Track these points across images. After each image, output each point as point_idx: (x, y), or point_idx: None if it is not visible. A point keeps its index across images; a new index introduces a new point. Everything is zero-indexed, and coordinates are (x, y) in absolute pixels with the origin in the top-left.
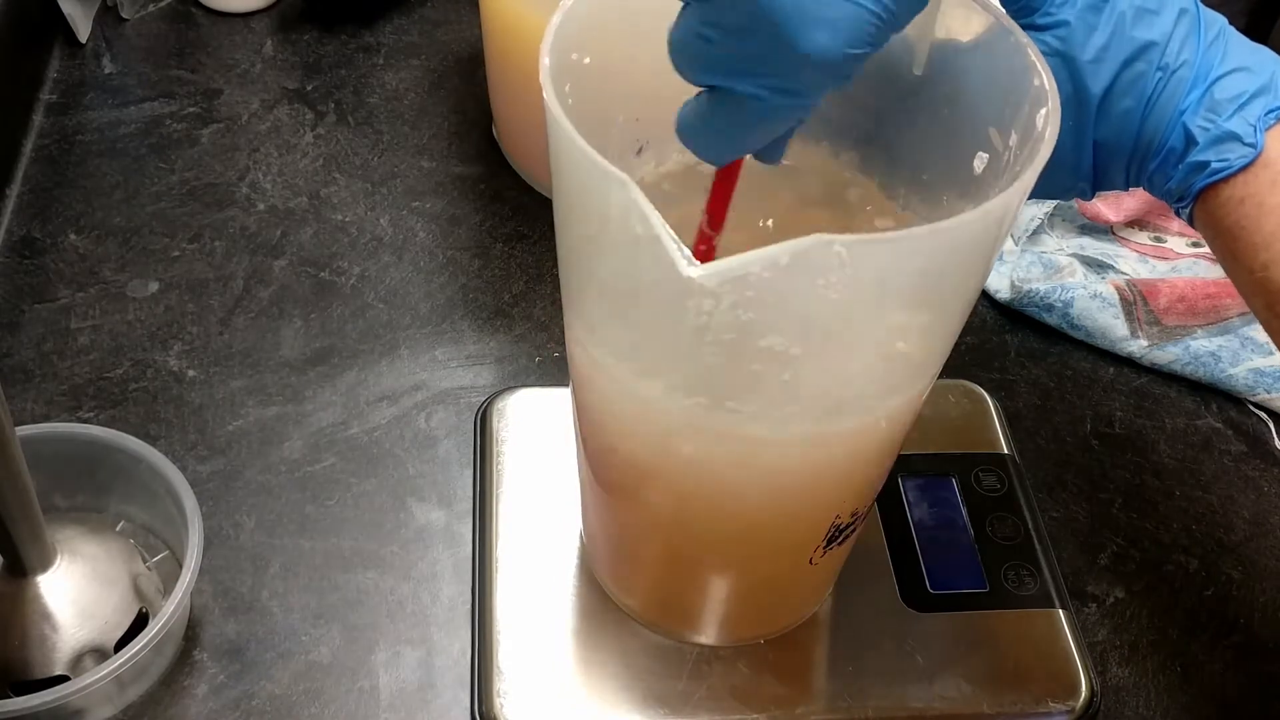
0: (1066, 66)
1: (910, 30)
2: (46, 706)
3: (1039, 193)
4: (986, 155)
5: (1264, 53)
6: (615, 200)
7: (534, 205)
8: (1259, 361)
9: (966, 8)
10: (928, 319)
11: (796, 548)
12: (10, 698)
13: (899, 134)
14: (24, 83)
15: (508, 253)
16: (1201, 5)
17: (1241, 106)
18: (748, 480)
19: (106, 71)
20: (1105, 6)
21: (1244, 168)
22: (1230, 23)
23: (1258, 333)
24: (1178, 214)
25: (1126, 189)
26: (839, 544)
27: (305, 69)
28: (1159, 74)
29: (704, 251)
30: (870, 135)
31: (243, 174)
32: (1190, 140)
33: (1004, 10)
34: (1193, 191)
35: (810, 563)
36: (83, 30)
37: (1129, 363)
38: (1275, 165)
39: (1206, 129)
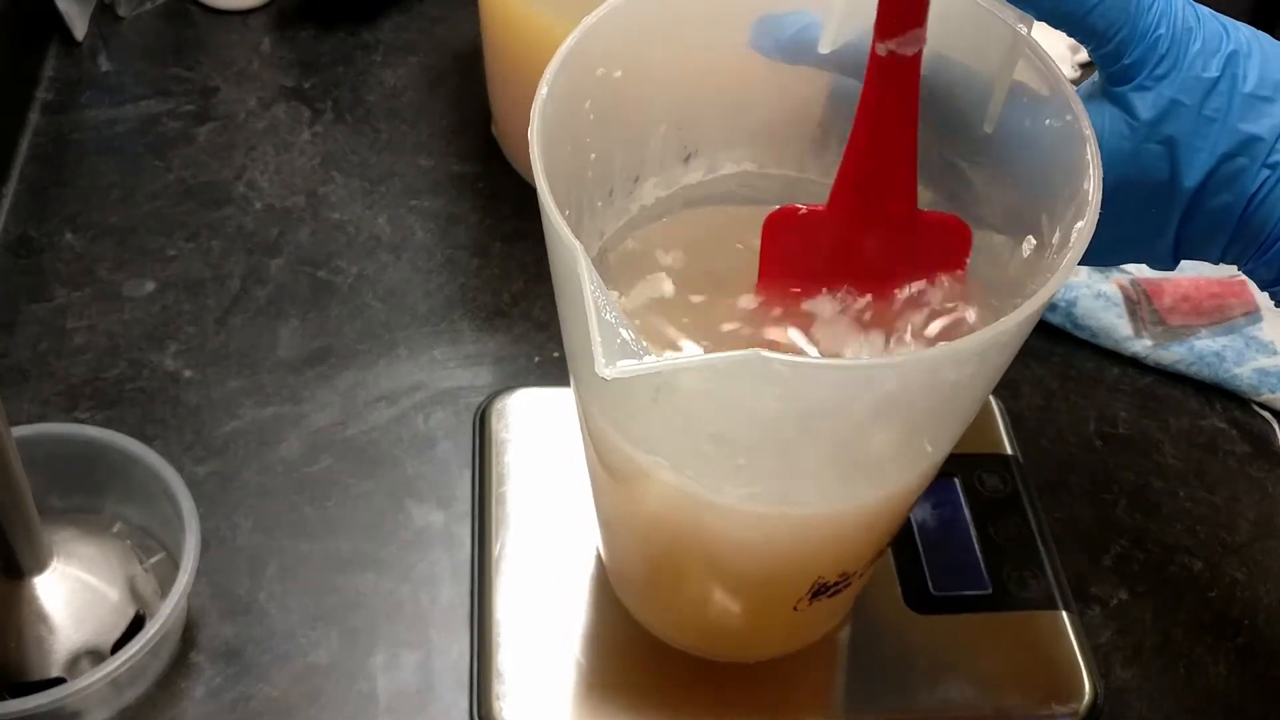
0: (1151, 151)
1: (985, 75)
2: (43, 709)
3: (1110, 264)
4: (1035, 241)
5: None
6: (571, 267)
7: (533, 204)
8: (1264, 361)
9: (1040, 75)
10: (896, 435)
11: (776, 597)
12: (7, 700)
13: (959, 186)
14: (20, 81)
15: (507, 252)
16: None
17: None
18: (714, 537)
19: (103, 69)
20: (1214, 87)
21: None
22: None
23: (1262, 332)
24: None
25: (1218, 264)
26: (830, 596)
27: (303, 67)
28: (1266, 172)
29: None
30: (934, 179)
31: (239, 172)
32: None
33: (1074, 89)
34: None
35: (795, 609)
36: (79, 28)
37: (1133, 363)
38: None
39: None
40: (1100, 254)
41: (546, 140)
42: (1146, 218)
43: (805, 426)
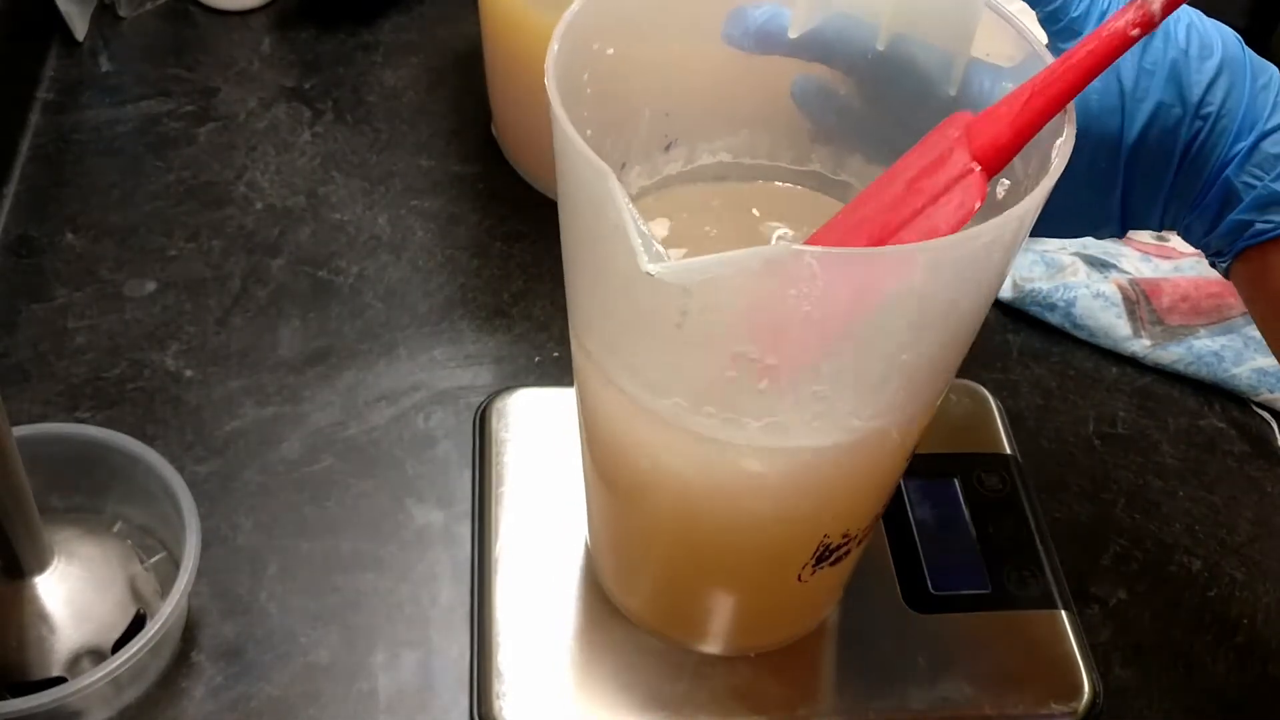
0: (1097, 103)
1: (950, 45)
2: (44, 708)
3: (1065, 233)
4: (1008, 181)
5: None
6: (597, 191)
7: (533, 204)
8: (1262, 361)
9: (1002, 31)
10: (913, 341)
11: (781, 562)
12: (8, 699)
13: None
14: (21, 81)
15: (507, 251)
16: (1251, 52)
17: None
18: (727, 487)
19: (103, 70)
20: (1149, 45)
21: None
22: (1230, 24)
23: None
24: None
25: (1159, 229)
26: (830, 564)
27: (303, 67)
28: (1199, 122)
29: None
30: (903, 150)
31: (240, 173)
32: (1232, 196)
33: (1036, 38)
34: (1233, 250)
35: (799, 579)
36: (80, 29)
37: (1132, 362)
38: None
39: (1252, 186)
40: (1054, 222)
41: (562, 80)
42: (1094, 174)
43: (827, 331)
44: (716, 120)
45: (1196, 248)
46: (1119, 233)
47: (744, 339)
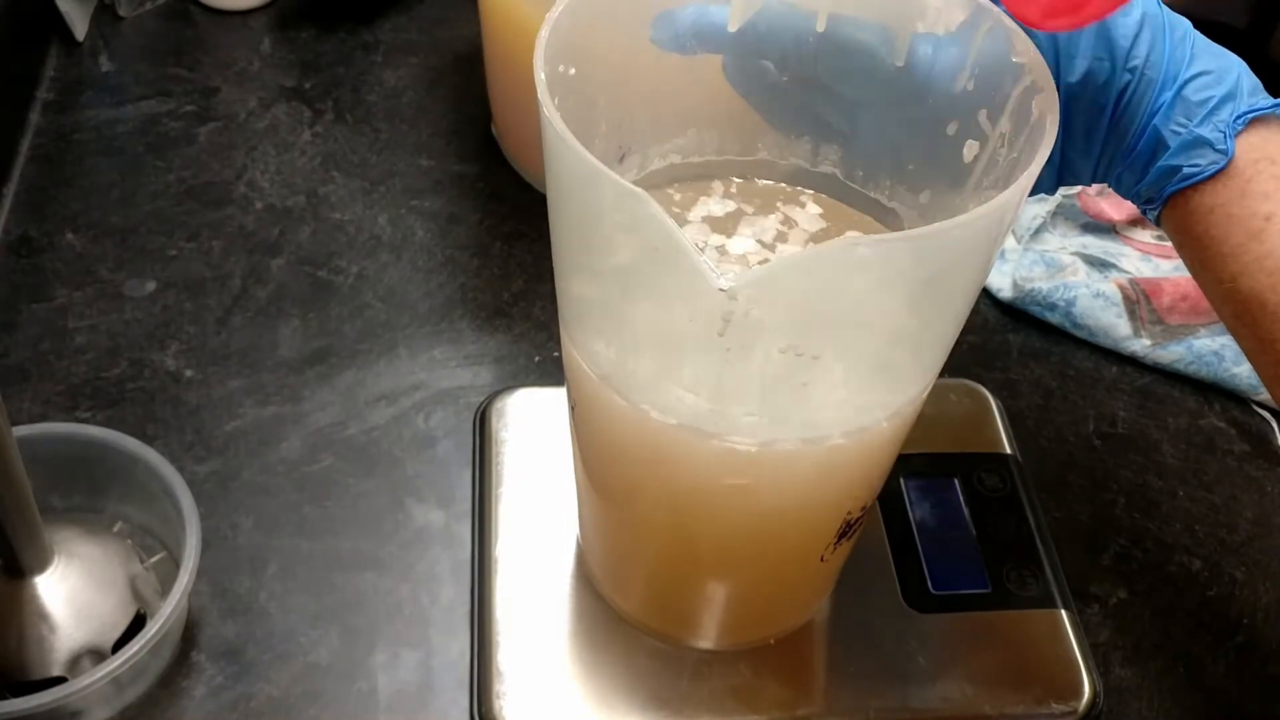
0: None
1: (890, 21)
2: (44, 708)
3: None
4: (977, 142)
5: (1229, 57)
6: (632, 215)
7: (533, 203)
8: None
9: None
10: (936, 315)
11: (809, 547)
12: (8, 699)
13: (882, 126)
14: (21, 81)
15: (507, 251)
16: (1166, 8)
17: (1211, 112)
18: (762, 486)
19: (103, 70)
20: None
21: (1214, 175)
22: (1231, 23)
23: None
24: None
25: (1090, 184)
26: (848, 538)
27: (303, 67)
28: (1127, 75)
29: None
30: (853, 128)
31: (240, 172)
32: (1161, 144)
33: None
34: (1162, 196)
35: (821, 559)
36: (80, 28)
37: (1132, 362)
38: (1244, 173)
39: (1178, 133)
40: None
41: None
42: None
43: (865, 318)
44: (664, 124)
45: (1127, 198)
46: (1051, 189)
47: (793, 337)
